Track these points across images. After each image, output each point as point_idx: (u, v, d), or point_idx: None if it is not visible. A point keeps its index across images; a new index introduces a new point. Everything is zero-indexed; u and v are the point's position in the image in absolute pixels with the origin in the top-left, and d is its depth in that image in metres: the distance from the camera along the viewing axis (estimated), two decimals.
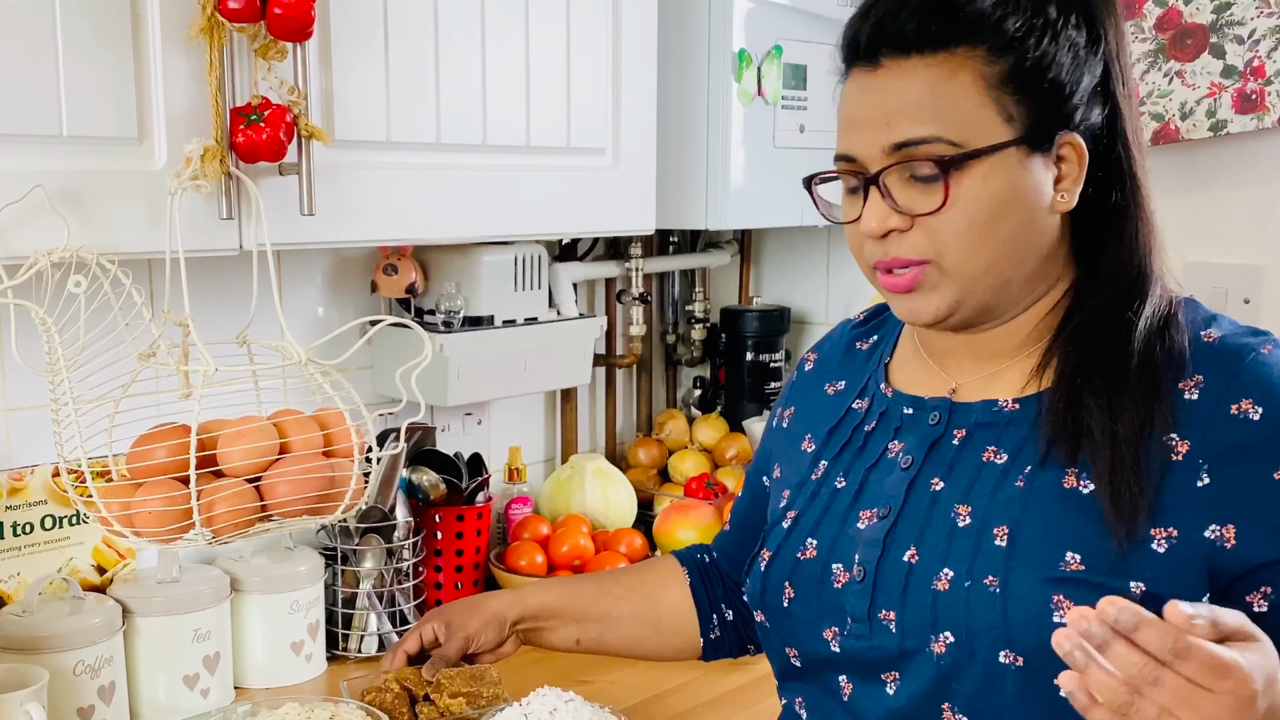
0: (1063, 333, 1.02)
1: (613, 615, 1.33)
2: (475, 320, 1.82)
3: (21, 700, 1.24)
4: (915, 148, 0.96)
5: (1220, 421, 0.94)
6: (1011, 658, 0.95)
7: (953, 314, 1.01)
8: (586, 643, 1.33)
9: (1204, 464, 0.94)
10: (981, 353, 1.06)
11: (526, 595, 1.33)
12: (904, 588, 1.00)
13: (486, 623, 1.30)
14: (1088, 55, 0.97)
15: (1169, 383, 0.96)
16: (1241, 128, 1.90)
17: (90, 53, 1.16)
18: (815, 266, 2.36)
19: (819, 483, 1.12)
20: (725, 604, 1.33)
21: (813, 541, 1.08)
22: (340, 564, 1.72)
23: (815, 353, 1.25)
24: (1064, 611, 0.93)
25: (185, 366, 1.18)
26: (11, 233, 1.13)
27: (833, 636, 1.05)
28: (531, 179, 1.58)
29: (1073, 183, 0.99)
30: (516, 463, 2.03)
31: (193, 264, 1.21)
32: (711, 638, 1.32)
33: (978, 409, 1.04)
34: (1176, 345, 0.97)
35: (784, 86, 1.94)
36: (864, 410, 1.13)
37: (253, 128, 1.23)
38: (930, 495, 1.03)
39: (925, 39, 0.96)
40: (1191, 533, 0.94)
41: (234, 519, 1.15)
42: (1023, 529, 0.97)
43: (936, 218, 0.97)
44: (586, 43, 1.62)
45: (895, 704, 1.01)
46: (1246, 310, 1.95)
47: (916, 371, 1.11)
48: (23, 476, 1.47)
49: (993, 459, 1.01)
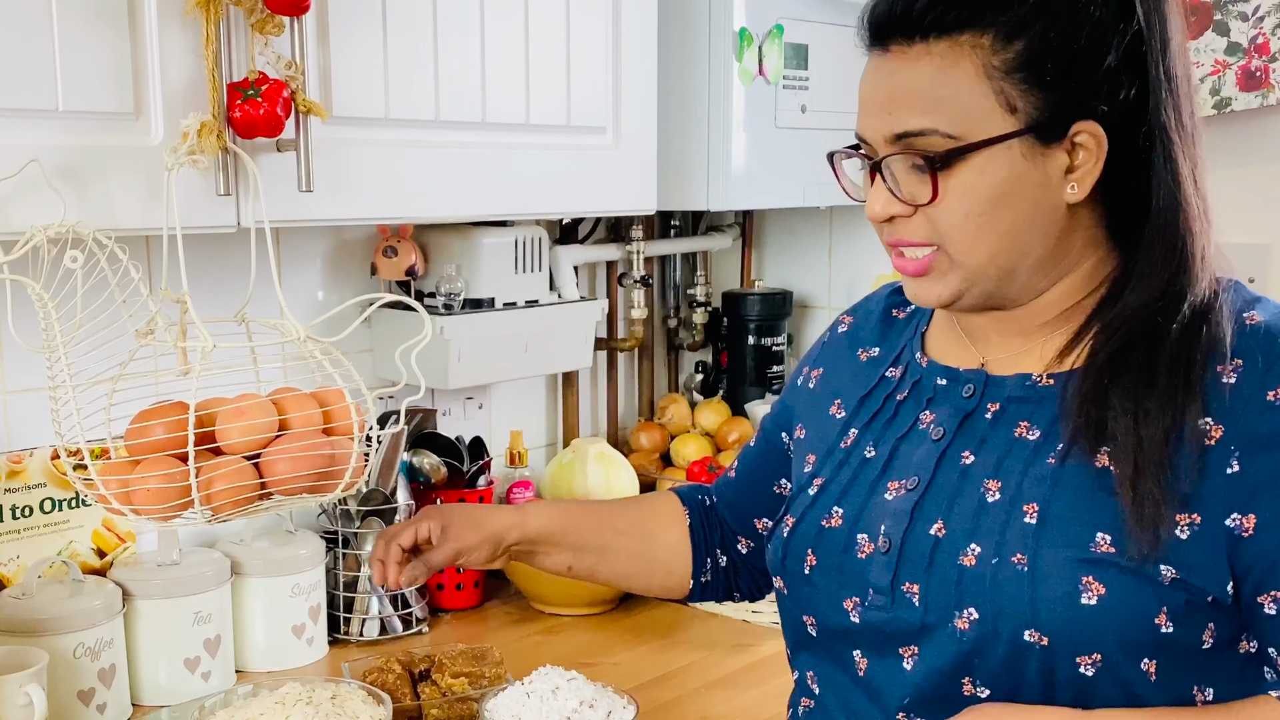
0: (1097, 317, 1.00)
1: (610, 548, 1.30)
2: (476, 303, 1.81)
3: (21, 682, 1.23)
4: (913, 139, 0.95)
5: (1255, 407, 0.92)
6: (1037, 637, 0.94)
7: (957, 300, 1.00)
8: (578, 570, 1.31)
9: (1235, 450, 0.92)
10: (1010, 329, 1.04)
11: (528, 518, 1.28)
12: (929, 561, 0.99)
13: (483, 540, 1.25)
14: (1113, 33, 0.93)
15: (1207, 370, 0.94)
16: (1246, 105, 1.89)
17: (86, 27, 1.14)
18: (817, 250, 2.34)
19: (848, 451, 1.10)
20: (721, 550, 1.32)
21: (839, 510, 1.07)
22: (341, 547, 1.72)
23: (851, 315, 1.23)
24: (1092, 593, 0.92)
25: (183, 343, 1.17)
26: (7, 208, 1.12)
27: (853, 607, 1.04)
28: (531, 157, 1.57)
29: (1087, 173, 0.95)
30: (518, 446, 2.02)
31: (190, 241, 1.20)
32: (702, 581, 1.31)
33: (1011, 383, 1.03)
34: (1217, 331, 0.95)
35: (785, 66, 1.93)
36: (897, 378, 1.11)
37: (250, 103, 1.22)
38: (960, 469, 1.01)
39: (931, 24, 0.94)
40: (1214, 519, 0.92)
41: (233, 497, 1.14)
42: (1053, 507, 0.95)
43: (934, 208, 0.96)
44: (587, 20, 1.61)
45: (913, 679, 1.00)
46: (1251, 290, 1.93)
47: (951, 343, 1.10)
48: (21, 459, 1.47)
49: (1025, 435, 1.00)
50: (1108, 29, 0.93)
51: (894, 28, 0.96)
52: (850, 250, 2.29)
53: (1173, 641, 0.93)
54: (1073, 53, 0.93)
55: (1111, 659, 0.93)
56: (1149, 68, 0.94)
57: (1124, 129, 0.95)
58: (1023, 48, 0.92)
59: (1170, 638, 0.93)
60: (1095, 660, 0.93)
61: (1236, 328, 0.95)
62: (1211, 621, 0.94)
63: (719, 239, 2.33)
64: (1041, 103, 0.93)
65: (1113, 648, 0.93)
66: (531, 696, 1.22)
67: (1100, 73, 0.93)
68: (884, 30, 0.97)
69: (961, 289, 0.99)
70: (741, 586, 1.33)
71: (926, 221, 0.97)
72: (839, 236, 2.29)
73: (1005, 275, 0.99)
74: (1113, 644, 0.92)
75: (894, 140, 0.96)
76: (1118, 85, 0.94)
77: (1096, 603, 0.92)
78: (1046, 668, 0.94)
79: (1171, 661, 0.94)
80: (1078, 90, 0.93)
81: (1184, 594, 0.92)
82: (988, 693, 0.97)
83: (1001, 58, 0.93)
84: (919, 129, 0.94)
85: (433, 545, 1.24)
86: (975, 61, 0.93)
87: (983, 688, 0.97)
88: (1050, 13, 0.92)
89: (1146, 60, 0.94)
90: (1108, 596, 0.92)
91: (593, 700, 1.23)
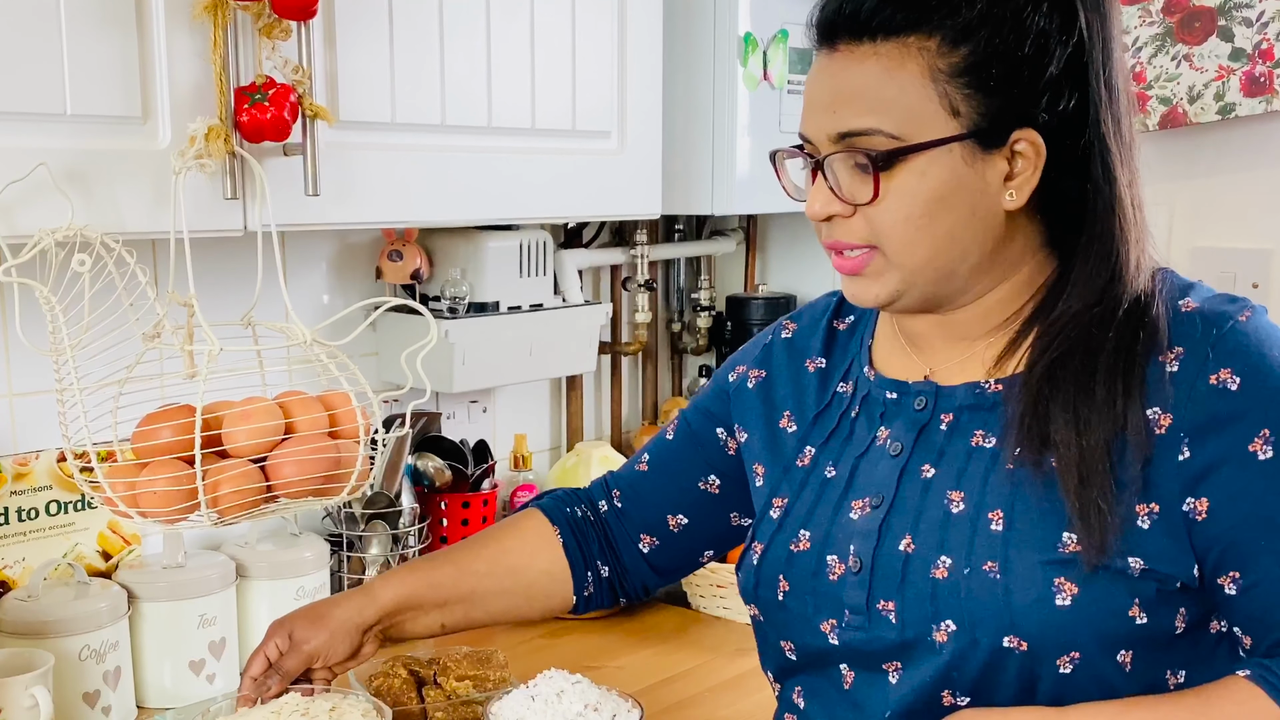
0: (1035, 321, 1.00)
1: (476, 593, 1.24)
2: (480, 306, 1.81)
3: (26, 684, 1.24)
4: (856, 139, 0.95)
5: (1200, 393, 0.93)
6: (1015, 642, 0.94)
7: (895, 300, 1.00)
8: (452, 625, 1.25)
9: (1184, 437, 0.93)
10: (953, 334, 1.04)
11: (378, 594, 1.20)
12: (902, 578, 0.99)
13: (334, 635, 1.17)
14: (1057, 43, 0.94)
15: (1150, 364, 0.95)
16: (1250, 111, 1.89)
17: (94, 31, 1.15)
18: (820, 255, 2.29)
19: (807, 471, 1.10)
20: (600, 560, 1.28)
21: (805, 533, 1.07)
22: (346, 550, 1.72)
23: (794, 322, 1.21)
24: (1066, 593, 0.93)
25: (190, 346, 1.18)
26: (15, 211, 1.12)
27: (830, 629, 1.04)
28: (537, 162, 1.57)
29: (1025, 180, 0.96)
30: (522, 450, 2.02)
31: (197, 245, 1.21)
32: (585, 595, 1.28)
33: (961, 392, 1.03)
34: (1154, 322, 0.96)
35: (790, 71, 1.93)
36: (849, 394, 1.11)
37: (257, 107, 1.22)
38: (922, 483, 1.02)
39: (879, 25, 0.94)
40: (1171, 506, 0.93)
41: (239, 499, 1.14)
42: (1018, 512, 0.96)
43: (873, 208, 0.96)
44: (592, 25, 1.61)
45: (899, 692, 1.00)
46: (1255, 295, 1.94)
47: (896, 354, 1.09)
48: (28, 461, 1.47)
49: (981, 443, 1.00)
50: (1051, 38, 0.94)
51: (842, 27, 0.96)
52: None
53: (1147, 631, 0.94)
54: (1017, 60, 0.93)
55: (1089, 656, 0.94)
56: (1089, 78, 0.95)
57: (1063, 138, 0.96)
58: (968, 52, 0.93)
59: (1144, 628, 0.93)
60: (1074, 659, 0.94)
61: (1172, 316, 0.96)
62: (1182, 607, 0.95)
63: (723, 243, 2.33)
64: (984, 108, 0.94)
65: (1090, 645, 0.93)
66: (536, 700, 1.22)
67: (1042, 81, 0.94)
68: (832, 30, 0.97)
69: (899, 289, 0.99)
70: (628, 591, 1.30)
71: (865, 222, 0.97)
72: None
73: (943, 277, 0.99)
74: (1090, 641, 0.93)
75: (837, 139, 0.96)
76: (1059, 94, 0.95)
77: (1071, 603, 0.93)
78: (1026, 671, 0.95)
79: (1146, 650, 0.95)
80: (1020, 98, 0.94)
81: (1155, 583, 0.93)
82: (966, 700, 0.98)
83: (947, 61, 0.93)
84: (863, 128, 0.95)
85: None
86: (921, 64, 0.94)
87: (961, 696, 0.98)
88: (997, 20, 0.93)
89: (1088, 71, 0.95)
90: (1081, 595, 0.93)
91: (597, 703, 1.23)
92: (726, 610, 1.81)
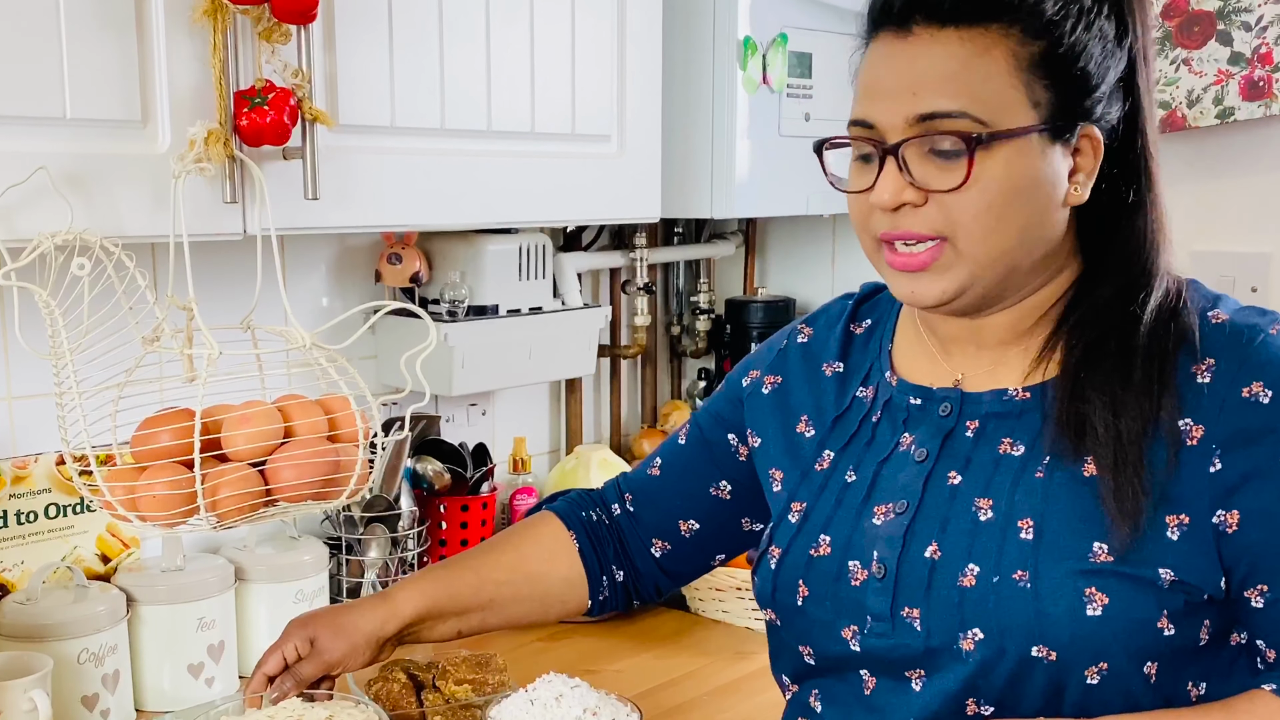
0: (1066, 322, 1.01)
1: (495, 600, 1.24)
2: (479, 310, 1.81)
3: (25, 688, 1.24)
4: (940, 120, 0.93)
5: (1232, 405, 0.93)
6: (1044, 652, 0.94)
7: (958, 298, 0.98)
8: (467, 631, 1.25)
9: (1216, 449, 0.93)
10: (985, 339, 1.04)
11: (400, 605, 1.20)
12: (928, 585, 0.99)
13: (355, 648, 1.17)
14: (1114, 48, 0.96)
15: (1180, 366, 0.95)
16: (1249, 115, 1.89)
17: (94, 35, 1.15)
18: (820, 258, 2.35)
19: (826, 475, 1.09)
20: (616, 565, 1.28)
21: (826, 538, 1.06)
22: (345, 553, 1.72)
23: (809, 326, 1.20)
24: (1096, 603, 0.93)
25: (189, 350, 1.18)
26: (15, 215, 1.12)
27: (852, 635, 1.03)
28: (536, 165, 1.57)
29: (1087, 176, 0.97)
30: (521, 453, 2.02)
31: (197, 248, 1.21)
32: (600, 599, 1.28)
33: (988, 399, 1.02)
34: (1186, 327, 0.96)
35: (789, 75, 1.93)
36: (869, 399, 1.10)
37: (256, 111, 1.22)
38: (949, 489, 1.01)
39: (963, 11, 0.94)
40: (1201, 518, 0.93)
41: (239, 503, 1.14)
42: (1048, 521, 0.96)
43: (954, 196, 0.94)
44: (591, 28, 1.61)
45: (922, 700, 1.00)
46: (1253, 299, 1.94)
47: (920, 359, 1.08)
48: (27, 465, 1.47)
49: (1009, 451, 1.00)
50: (1114, 44, 0.96)
51: (922, 10, 0.95)
52: (853, 258, 2.29)
53: (1173, 643, 0.94)
54: (1088, 57, 0.95)
55: (1117, 666, 0.93)
56: (1139, 82, 0.98)
57: (1111, 139, 0.98)
58: (1047, 44, 0.94)
59: (1171, 639, 0.93)
60: (1101, 669, 0.93)
61: (1203, 326, 0.97)
62: (1207, 619, 0.95)
63: (722, 246, 2.33)
64: (1059, 101, 0.95)
65: (1119, 655, 0.93)
66: (535, 703, 1.22)
67: (1105, 82, 0.96)
68: (909, 12, 0.95)
69: (964, 285, 0.97)
70: (642, 594, 1.30)
71: (940, 211, 0.95)
72: (842, 245, 2.29)
73: (1009, 272, 0.98)
74: (1119, 652, 0.93)
75: (917, 122, 0.94)
76: (1115, 97, 0.97)
77: (1101, 613, 0.92)
78: (1053, 681, 0.95)
79: (1171, 662, 0.94)
80: (1088, 94, 0.96)
81: (1183, 595, 0.93)
82: (991, 710, 0.97)
83: (1028, 51, 0.94)
84: (948, 110, 0.93)
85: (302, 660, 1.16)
86: (1005, 51, 0.94)
87: (986, 705, 0.97)
88: (1074, 16, 0.94)
89: (1137, 76, 0.98)
90: (1111, 605, 0.92)
91: (596, 707, 1.23)
92: (725, 614, 1.81)
